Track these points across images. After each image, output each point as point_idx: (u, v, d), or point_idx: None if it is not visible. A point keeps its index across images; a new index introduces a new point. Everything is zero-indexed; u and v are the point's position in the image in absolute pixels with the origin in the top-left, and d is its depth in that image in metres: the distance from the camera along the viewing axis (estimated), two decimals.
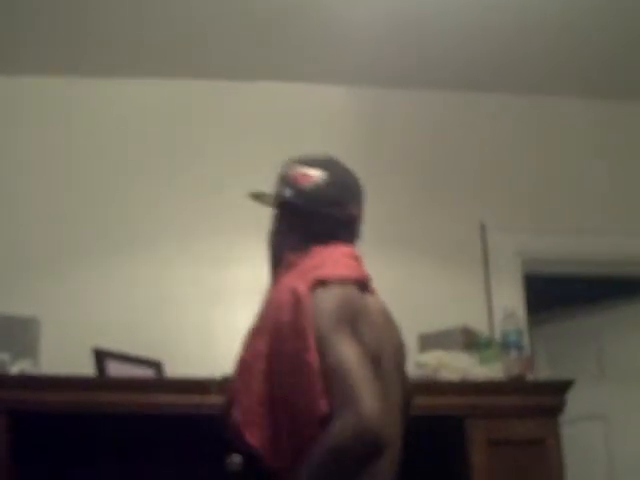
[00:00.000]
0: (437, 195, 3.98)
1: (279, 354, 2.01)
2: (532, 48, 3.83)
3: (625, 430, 4.24)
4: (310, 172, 2.22)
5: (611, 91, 4.14)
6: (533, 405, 3.23)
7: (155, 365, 3.41)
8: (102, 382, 3.18)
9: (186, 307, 3.65)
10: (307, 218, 2.20)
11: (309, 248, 2.17)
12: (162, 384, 3.20)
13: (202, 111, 3.94)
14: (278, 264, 2.22)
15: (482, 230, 3.93)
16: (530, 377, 3.40)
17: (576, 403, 3.40)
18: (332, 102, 4.01)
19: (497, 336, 3.55)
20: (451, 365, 3.30)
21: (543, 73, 4.01)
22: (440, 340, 3.46)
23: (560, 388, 3.27)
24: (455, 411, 3.18)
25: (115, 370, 3.27)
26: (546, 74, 4.01)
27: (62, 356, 3.28)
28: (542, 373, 4.20)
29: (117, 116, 3.89)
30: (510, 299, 3.79)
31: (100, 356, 3.28)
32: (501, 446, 3.16)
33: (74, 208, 3.75)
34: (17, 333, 3.24)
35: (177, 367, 3.36)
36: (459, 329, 3.47)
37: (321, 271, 2.09)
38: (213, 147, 3.91)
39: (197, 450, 3.17)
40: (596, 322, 4.45)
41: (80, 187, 3.79)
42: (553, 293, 4.39)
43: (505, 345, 3.41)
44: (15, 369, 3.09)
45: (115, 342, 3.36)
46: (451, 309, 3.71)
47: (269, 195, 2.26)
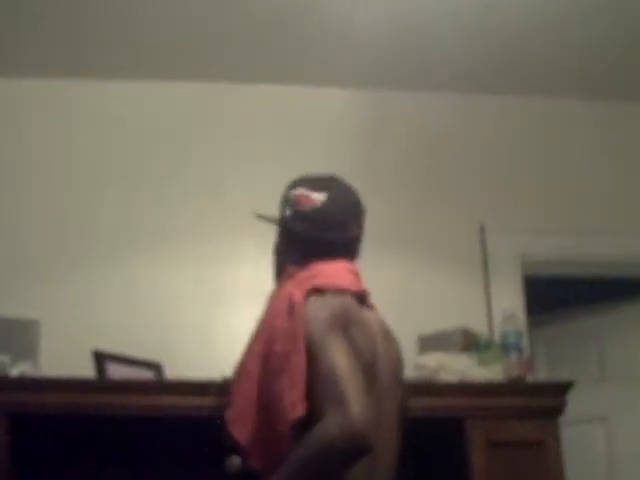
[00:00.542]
0: (437, 196, 3.97)
1: (270, 355, 2.05)
2: (533, 49, 3.82)
3: (626, 432, 4.23)
4: (312, 195, 2.25)
5: (612, 92, 4.13)
6: (533, 407, 3.22)
7: (155, 367, 3.41)
8: (102, 384, 3.17)
9: (186, 309, 3.65)
10: (306, 240, 2.24)
11: (309, 263, 2.21)
12: (162, 386, 3.19)
13: (202, 113, 3.94)
14: (280, 274, 2.28)
15: (482, 231, 3.93)
16: (530, 379, 3.40)
17: (577, 405, 3.39)
18: (333, 104, 4.01)
19: (497, 338, 3.54)
20: (450, 367, 3.29)
21: (544, 74, 4.00)
22: (440, 341, 3.45)
23: (560, 389, 3.26)
24: (455, 412, 3.18)
25: (115, 372, 3.27)
26: (547, 75, 4.01)
27: (62, 358, 3.28)
28: (542, 375, 4.20)
29: (117, 118, 3.89)
30: (510, 300, 3.78)
31: (100, 358, 3.27)
32: (501, 448, 3.15)
33: (74, 209, 3.75)
34: (17, 335, 3.24)
35: (177, 369, 3.36)
36: (459, 330, 3.47)
37: (318, 280, 2.14)
38: (213, 149, 3.90)
39: (197, 452, 3.17)
40: (597, 323, 4.44)
41: (80, 188, 3.79)
42: (554, 294, 4.39)
43: (505, 347, 3.41)
44: (15, 371, 3.08)
45: (115, 344, 3.35)
46: (451, 310, 3.70)
47: (273, 216, 2.30)
